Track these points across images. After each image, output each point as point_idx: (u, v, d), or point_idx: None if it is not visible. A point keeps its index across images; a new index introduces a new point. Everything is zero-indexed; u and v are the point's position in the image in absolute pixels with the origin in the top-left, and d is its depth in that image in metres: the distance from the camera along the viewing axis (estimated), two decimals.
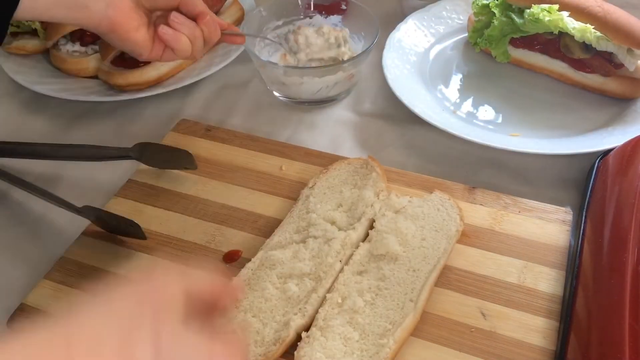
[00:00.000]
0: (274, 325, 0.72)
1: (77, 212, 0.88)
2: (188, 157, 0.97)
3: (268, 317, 0.73)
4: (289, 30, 1.16)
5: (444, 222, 0.83)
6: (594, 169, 0.90)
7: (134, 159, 0.96)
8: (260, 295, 0.75)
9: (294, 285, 0.76)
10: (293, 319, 0.72)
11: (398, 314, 0.72)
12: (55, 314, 0.46)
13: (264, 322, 0.73)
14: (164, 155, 0.98)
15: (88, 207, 0.88)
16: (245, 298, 0.74)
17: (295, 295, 0.75)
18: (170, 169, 0.97)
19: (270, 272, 0.78)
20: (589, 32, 1.03)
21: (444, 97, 1.14)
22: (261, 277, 0.77)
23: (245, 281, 0.77)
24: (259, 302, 0.74)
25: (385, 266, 0.77)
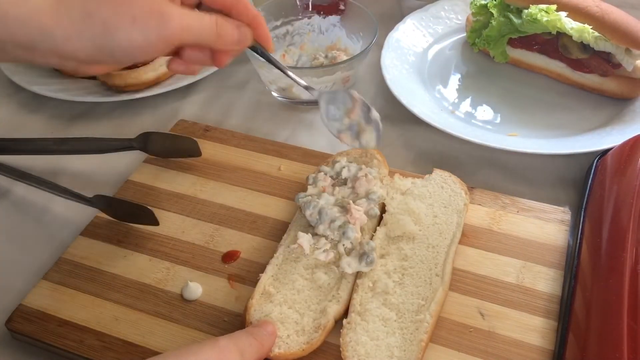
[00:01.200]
0: (311, 314, 0.74)
1: (87, 202, 0.88)
2: (192, 145, 0.97)
3: (304, 307, 0.75)
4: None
5: (450, 198, 0.85)
6: (592, 168, 0.90)
7: (137, 149, 0.96)
8: (292, 287, 0.76)
9: (323, 274, 0.77)
10: (329, 305, 0.74)
11: (428, 289, 0.75)
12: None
13: (301, 313, 0.74)
14: (168, 143, 0.98)
15: (98, 196, 0.88)
16: (278, 292, 0.76)
17: (325, 284, 0.77)
18: (174, 158, 0.97)
19: (296, 264, 0.79)
20: (587, 32, 1.03)
21: (443, 97, 1.14)
22: (288, 271, 0.78)
23: (274, 276, 0.78)
24: (291, 294, 0.76)
25: (405, 246, 0.80)
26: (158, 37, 0.62)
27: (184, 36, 0.65)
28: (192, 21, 0.65)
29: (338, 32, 1.22)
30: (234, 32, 0.70)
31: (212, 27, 0.67)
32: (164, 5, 0.63)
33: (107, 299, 0.79)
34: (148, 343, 0.74)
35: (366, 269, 0.76)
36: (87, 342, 0.75)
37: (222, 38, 0.68)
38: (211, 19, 0.67)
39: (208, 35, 0.67)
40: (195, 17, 0.66)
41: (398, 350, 0.70)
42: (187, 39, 0.65)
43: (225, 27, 0.68)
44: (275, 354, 0.69)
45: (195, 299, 0.79)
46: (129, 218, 0.88)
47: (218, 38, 0.68)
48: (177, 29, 0.63)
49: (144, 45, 0.62)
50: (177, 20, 0.63)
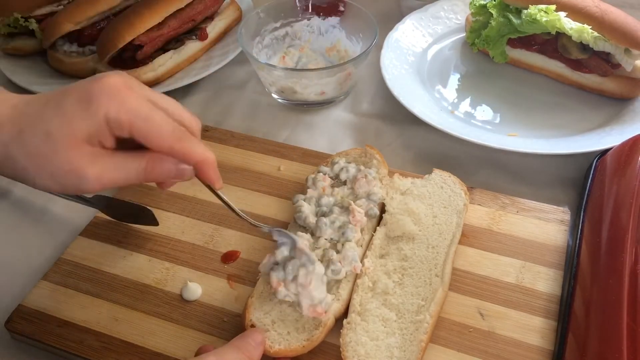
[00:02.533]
0: None
1: (86, 202, 0.88)
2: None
3: None
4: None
5: (450, 198, 0.85)
6: (591, 168, 0.90)
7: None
8: None
9: None
10: None
11: (427, 289, 0.75)
12: None
13: None
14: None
15: (98, 197, 0.88)
16: None
17: (326, 282, 0.76)
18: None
19: None
20: (586, 32, 1.03)
21: (442, 97, 1.14)
22: None
23: None
24: None
25: (405, 246, 0.80)
26: (76, 191, 0.63)
27: (105, 188, 0.63)
28: (114, 174, 0.62)
29: (338, 34, 1.22)
30: (169, 170, 0.65)
31: (139, 173, 0.63)
32: (83, 164, 0.60)
33: (107, 300, 0.79)
34: (148, 343, 0.74)
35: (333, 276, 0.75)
36: (86, 343, 0.75)
37: (153, 179, 0.65)
38: (139, 165, 0.63)
39: (134, 180, 0.64)
40: (118, 169, 0.62)
41: (398, 350, 0.70)
42: (110, 187, 0.64)
43: (156, 170, 0.64)
44: (276, 350, 0.69)
45: (194, 299, 0.79)
46: (129, 218, 0.88)
47: (147, 180, 0.65)
48: (96, 187, 0.61)
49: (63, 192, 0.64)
50: (96, 179, 0.61)
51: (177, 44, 1.22)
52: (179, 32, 1.22)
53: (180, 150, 0.64)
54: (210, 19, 1.29)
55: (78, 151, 0.60)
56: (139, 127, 0.61)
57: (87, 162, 0.60)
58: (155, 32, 1.16)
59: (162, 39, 1.18)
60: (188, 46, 1.22)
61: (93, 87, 0.60)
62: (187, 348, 0.74)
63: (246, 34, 1.14)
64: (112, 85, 0.61)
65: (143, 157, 0.63)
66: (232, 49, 1.24)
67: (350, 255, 0.76)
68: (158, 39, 1.17)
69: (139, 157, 0.63)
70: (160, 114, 0.63)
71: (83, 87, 0.61)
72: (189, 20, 1.22)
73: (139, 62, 1.15)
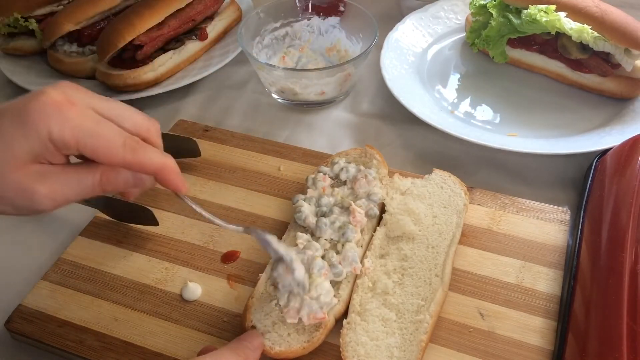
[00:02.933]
0: None
1: (86, 202, 0.88)
2: (192, 145, 0.96)
3: None
4: None
5: (450, 198, 0.85)
6: (591, 168, 0.90)
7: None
8: None
9: None
10: None
11: (427, 290, 0.75)
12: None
13: None
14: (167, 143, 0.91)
15: (98, 196, 0.88)
16: None
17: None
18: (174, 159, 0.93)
19: None
20: (586, 32, 1.03)
21: (442, 97, 1.14)
22: None
23: None
24: None
25: (405, 246, 0.80)
26: (31, 212, 0.59)
27: (60, 205, 0.59)
28: (67, 190, 0.59)
29: (338, 34, 1.22)
30: (126, 180, 0.62)
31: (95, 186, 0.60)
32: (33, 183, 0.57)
33: (107, 300, 0.79)
34: (148, 343, 0.74)
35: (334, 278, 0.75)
36: (86, 343, 0.75)
37: (111, 190, 0.62)
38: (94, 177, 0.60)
39: (91, 193, 0.61)
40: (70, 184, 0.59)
41: (398, 350, 0.70)
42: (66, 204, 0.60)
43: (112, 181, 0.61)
44: (276, 352, 0.69)
45: (194, 299, 0.79)
46: (129, 218, 0.88)
47: (105, 191, 0.61)
48: (49, 205, 0.58)
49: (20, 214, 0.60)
50: (47, 197, 0.57)
51: (177, 44, 1.22)
52: (179, 32, 1.22)
53: (134, 162, 0.60)
54: (210, 19, 1.29)
55: (24, 172, 0.57)
56: (86, 144, 0.57)
57: (35, 181, 0.57)
58: (155, 32, 1.16)
59: (162, 39, 1.18)
60: (188, 46, 1.22)
61: (29, 107, 0.56)
62: (187, 348, 0.74)
63: (246, 34, 1.14)
64: (51, 102, 0.57)
65: (97, 170, 0.60)
66: (232, 49, 1.24)
67: (351, 256, 0.76)
68: (158, 39, 1.17)
69: (93, 169, 0.60)
70: (109, 126, 0.59)
71: (19, 108, 0.57)
72: (189, 20, 1.22)
73: (139, 62, 1.15)
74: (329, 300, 0.72)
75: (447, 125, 1.01)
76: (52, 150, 0.57)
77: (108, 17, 1.24)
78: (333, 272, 0.75)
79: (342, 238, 0.79)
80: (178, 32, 1.22)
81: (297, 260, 0.70)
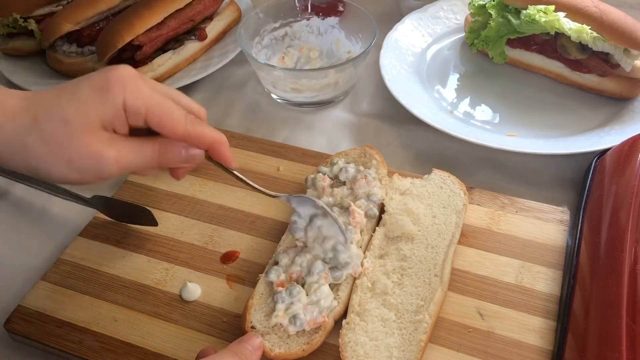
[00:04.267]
0: None
1: (85, 202, 0.88)
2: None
3: None
4: None
5: (449, 198, 0.85)
6: (591, 168, 0.90)
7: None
8: None
9: None
10: None
11: (426, 289, 0.75)
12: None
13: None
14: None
15: (97, 197, 0.88)
16: None
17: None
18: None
19: None
20: (585, 32, 1.03)
21: (441, 97, 1.14)
22: None
23: None
24: None
25: (404, 246, 0.80)
26: (95, 177, 0.63)
27: (123, 172, 0.64)
28: (131, 157, 0.63)
29: (337, 34, 1.22)
30: (179, 154, 0.67)
31: (154, 156, 0.65)
32: (102, 146, 0.61)
33: (106, 300, 0.79)
34: (147, 344, 0.74)
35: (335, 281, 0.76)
36: (86, 343, 0.75)
37: (166, 162, 0.67)
38: (153, 148, 0.65)
39: (150, 163, 0.65)
40: (134, 152, 0.64)
41: (397, 350, 0.70)
42: (127, 171, 0.65)
43: (168, 153, 0.66)
44: (276, 354, 0.69)
45: (194, 299, 0.79)
46: (128, 219, 0.88)
47: (161, 163, 0.66)
48: (115, 170, 0.62)
49: (80, 182, 0.63)
50: (114, 162, 0.62)
51: (176, 44, 1.22)
52: (178, 33, 1.22)
53: (194, 133, 0.66)
54: (210, 19, 1.29)
55: (95, 136, 0.61)
56: (154, 114, 0.63)
57: (104, 145, 0.61)
58: (155, 33, 1.16)
59: (161, 39, 1.18)
60: (187, 46, 1.22)
61: (108, 76, 0.62)
62: (186, 348, 0.74)
63: (245, 34, 1.14)
64: (127, 75, 0.63)
65: (156, 141, 0.65)
66: (231, 49, 1.24)
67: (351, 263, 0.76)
68: (157, 39, 1.17)
69: (152, 141, 0.65)
70: (171, 102, 0.65)
71: (98, 77, 0.62)
72: (188, 20, 1.22)
73: (138, 63, 1.15)
74: (329, 304, 0.72)
75: (447, 125, 1.01)
76: (123, 118, 0.62)
77: (107, 17, 1.24)
78: (333, 275, 0.75)
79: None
80: (177, 32, 1.22)
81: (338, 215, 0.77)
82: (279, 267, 0.76)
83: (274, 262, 0.78)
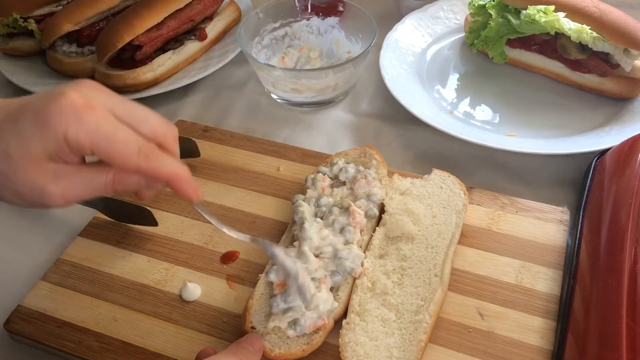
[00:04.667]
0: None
1: (85, 202, 0.88)
2: (192, 146, 0.97)
3: None
4: None
5: (449, 198, 0.85)
6: (591, 168, 0.90)
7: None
8: None
9: None
10: None
11: (426, 289, 0.75)
12: None
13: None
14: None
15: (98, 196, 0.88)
16: None
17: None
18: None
19: None
20: (585, 32, 1.03)
21: (441, 97, 1.14)
22: None
23: None
24: None
25: (404, 246, 0.80)
26: (42, 207, 0.61)
27: (71, 203, 0.61)
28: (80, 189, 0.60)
29: (337, 34, 1.22)
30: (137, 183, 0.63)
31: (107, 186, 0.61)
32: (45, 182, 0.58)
33: (106, 300, 0.79)
34: (147, 344, 0.74)
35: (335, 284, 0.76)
36: (85, 343, 0.75)
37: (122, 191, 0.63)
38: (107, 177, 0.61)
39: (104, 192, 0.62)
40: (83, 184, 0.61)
41: (397, 350, 0.70)
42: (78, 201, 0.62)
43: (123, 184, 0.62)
44: (276, 354, 0.69)
45: (194, 299, 0.79)
46: (128, 219, 0.88)
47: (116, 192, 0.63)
48: (60, 202, 0.60)
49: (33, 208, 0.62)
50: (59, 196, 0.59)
51: (176, 44, 1.22)
52: (178, 33, 1.22)
53: (147, 169, 0.61)
54: (210, 19, 1.29)
55: (38, 170, 0.58)
56: (101, 148, 0.58)
57: (48, 180, 0.58)
58: (155, 33, 1.16)
59: (161, 39, 1.18)
60: (187, 46, 1.22)
61: (49, 108, 0.57)
62: (186, 348, 0.74)
63: (245, 34, 1.14)
64: (70, 104, 0.57)
65: (110, 170, 0.61)
66: (231, 49, 1.24)
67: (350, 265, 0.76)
68: (157, 39, 1.17)
69: (106, 170, 0.61)
70: (125, 132, 0.60)
71: (40, 107, 0.58)
72: (188, 20, 1.22)
73: (138, 63, 1.15)
74: (329, 307, 0.72)
75: (447, 125, 1.01)
76: (67, 151, 0.58)
77: (107, 17, 1.24)
78: (333, 279, 0.75)
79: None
80: (177, 32, 1.22)
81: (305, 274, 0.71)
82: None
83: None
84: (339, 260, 0.75)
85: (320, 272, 0.74)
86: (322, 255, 0.76)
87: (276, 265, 0.72)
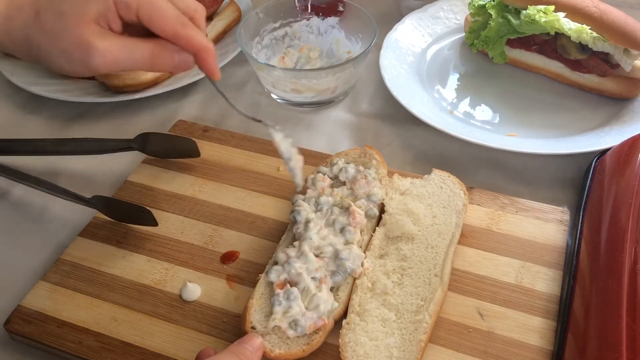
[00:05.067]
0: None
1: (85, 202, 0.88)
2: (191, 145, 0.98)
3: None
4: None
5: (449, 198, 0.85)
6: (591, 168, 0.90)
7: (136, 149, 0.97)
8: None
9: None
10: None
11: (426, 290, 0.75)
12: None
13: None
14: (167, 144, 0.99)
15: (97, 197, 0.89)
16: None
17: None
18: (173, 159, 0.98)
19: None
20: (585, 32, 1.03)
21: (441, 97, 1.14)
22: None
23: None
24: None
25: (404, 246, 0.80)
26: (83, 68, 0.68)
27: (110, 67, 0.68)
28: (120, 53, 0.67)
29: (337, 34, 1.22)
30: (172, 59, 0.70)
31: (145, 58, 0.69)
32: (92, 38, 0.66)
33: (106, 300, 0.79)
34: (147, 344, 0.74)
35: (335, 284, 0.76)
36: (85, 343, 0.75)
37: (157, 66, 0.70)
38: (145, 49, 0.69)
39: (141, 64, 0.69)
40: (124, 49, 0.68)
41: (397, 350, 0.70)
42: (115, 68, 0.68)
43: (161, 57, 0.70)
44: (276, 355, 0.69)
45: (194, 299, 0.79)
46: (128, 219, 0.88)
47: (153, 66, 0.70)
48: (101, 63, 0.66)
49: (74, 72, 0.69)
50: (101, 54, 0.66)
51: None
52: None
53: (183, 35, 0.68)
54: (210, 19, 1.29)
55: (87, 28, 0.65)
56: (145, 9, 0.66)
57: (95, 36, 0.65)
58: None
59: None
60: None
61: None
62: (186, 348, 0.74)
63: (245, 34, 1.14)
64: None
65: (149, 42, 0.68)
66: (231, 49, 1.24)
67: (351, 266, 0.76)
68: None
69: (146, 42, 0.68)
70: (165, 1, 0.68)
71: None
72: None
73: None
74: (329, 307, 0.72)
75: (447, 125, 1.01)
76: (114, 12, 0.66)
77: None
78: (333, 279, 0.75)
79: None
80: None
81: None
82: (279, 267, 0.76)
83: (274, 262, 0.78)
84: (339, 261, 0.75)
85: (321, 272, 0.74)
86: (322, 255, 0.76)
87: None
